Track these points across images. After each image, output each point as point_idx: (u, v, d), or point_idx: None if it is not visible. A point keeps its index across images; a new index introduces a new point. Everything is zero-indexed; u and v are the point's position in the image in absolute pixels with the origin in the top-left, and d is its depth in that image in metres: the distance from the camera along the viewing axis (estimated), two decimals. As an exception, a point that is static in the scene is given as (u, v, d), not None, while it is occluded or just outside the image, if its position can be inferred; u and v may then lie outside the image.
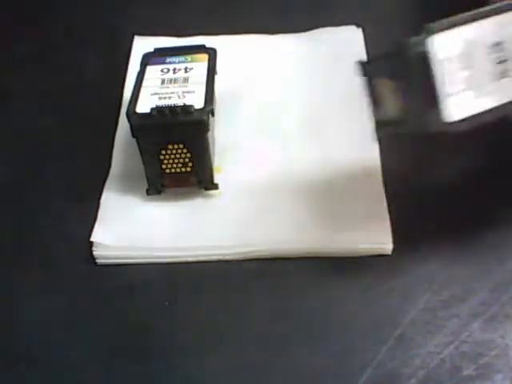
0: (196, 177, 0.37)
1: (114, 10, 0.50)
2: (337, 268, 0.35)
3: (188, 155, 0.36)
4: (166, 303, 0.34)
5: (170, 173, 0.37)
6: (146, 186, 0.37)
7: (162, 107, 0.35)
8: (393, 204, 0.37)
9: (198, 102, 0.36)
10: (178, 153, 0.36)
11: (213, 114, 0.37)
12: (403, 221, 0.36)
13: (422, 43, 0.29)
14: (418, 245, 0.36)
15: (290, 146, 0.40)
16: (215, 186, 0.38)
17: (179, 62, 0.40)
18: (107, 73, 0.45)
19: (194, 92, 0.37)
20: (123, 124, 0.41)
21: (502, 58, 0.30)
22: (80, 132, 0.42)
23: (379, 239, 0.36)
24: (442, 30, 0.29)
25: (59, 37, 0.48)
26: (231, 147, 0.40)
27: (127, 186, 0.39)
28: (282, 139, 0.41)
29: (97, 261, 0.36)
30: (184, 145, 0.36)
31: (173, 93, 0.37)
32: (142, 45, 0.45)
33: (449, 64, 0.29)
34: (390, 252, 0.35)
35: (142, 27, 0.47)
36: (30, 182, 0.40)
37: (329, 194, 0.38)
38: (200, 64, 0.39)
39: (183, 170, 0.37)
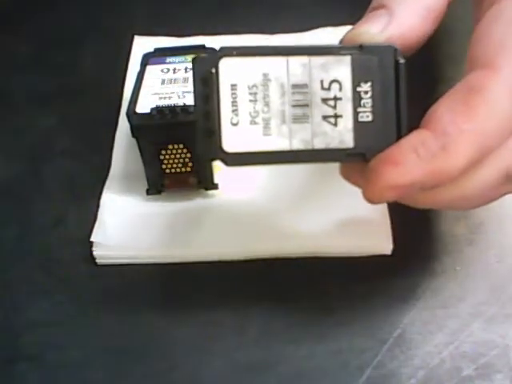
0: (196, 177, 0.37)
1: (114, 9, 0.50)
2: (337, 268, 0.35)
3: (188, 155, 0.36)
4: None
5: (170, 173, 0.37)
6: (146, 186, 0.37)
7: (162, 107, 0.35)
8: (393, 204, 0.37)
9: (198, 102, 0.36)
10: (178, 153, 0.36)
11: (213, 114, 0.37)
12: (403, 221, 0.36)
13: (210, 63, 0.27)
14: (417, 245, 0.36)
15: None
16: (215, 186, 0.38)
17: (179, 62, 0.40)
18: (107, 73, 0.45)
19: (194, 92, 0.37)
20: (123, 124, 0.41)
21: (302, 102, 0.27)
22: (80, 132, 0.42)
23: (379, 239, 0.35)
24: (236, 54, 0.27)
25: (59, 37, 0.48)
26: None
27: (127, 186, 0.39)
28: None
29: (97, 261, 0.36)
30: (184, 145, 0.36)
31: (173, 93, 0.37)
32: (142, 45, 0.45)
33: (236, 92, 0.27)
34: (389, 252, 0.35)
35: (142, 27, 0.47)
36: (30, 181, 0.40)
37: (329, 193, 0.38)
38: (200, 64, 0.39)
39: (183, 170, 0.37)
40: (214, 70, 0.27)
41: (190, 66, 0.39)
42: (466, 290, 0.34)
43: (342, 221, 0.36)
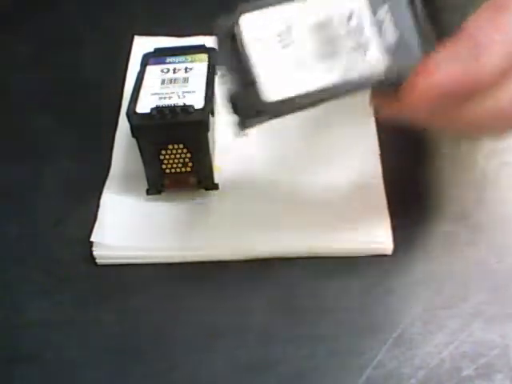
0: (196, 177, 0.37)
1: (114, 9, 0.50)
2: (337, 268, 0.35)
3: (188, 155, 0.36)
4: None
5: (170, 173, 0.37)
6: (146, 186, 0.37)
7: (162, 107, 0.35)
8: (393, 204, 0.37)
9: (197, 102, 0.36)
10: (178, 153, 0.36)
11: (213, 114, 0.37)
12: (403, 221, 0.36)
13: (231, 23, 0.28)
14: (417, 245, 0.36)
15: (290, 146, 0.40)
16: (215, 186, 0.38)
17: (179, 62, 0.40)
18: (107, 73, 0.45)
19: (194, 92, 0.37)
20: (123, 124, 0.41)
21: (328, 39, 0.28)
22: (80, 132, 0.42)
23: (379, 239, 0.36)
24: (254, 9, 0.28)
25: (59, 37, 0.48)
26: (231, 147, 0.40)
27: (127, 186, 0.39)
28: (282, 139, 0.41)
29: (97, 261, 0.36)
30: (184, 145, 0.36)
31: (173, 93, 0.37)
32: (142, 45, 0.45)
33: (263, 44, 0.28)
34: (390, 252, 0.35)
35: (142, 27, 0.47)
36: (30, 181, 0.40)
37: (329, 193, 0.38)
38: (200, 64, 0.39)
39: (183, 170, 0.37)
40: (236, 28, 0.28)
41: (190, 66, 0.39)
42: (466, 290, 0.34)
43: (342, 221, 0.36)
